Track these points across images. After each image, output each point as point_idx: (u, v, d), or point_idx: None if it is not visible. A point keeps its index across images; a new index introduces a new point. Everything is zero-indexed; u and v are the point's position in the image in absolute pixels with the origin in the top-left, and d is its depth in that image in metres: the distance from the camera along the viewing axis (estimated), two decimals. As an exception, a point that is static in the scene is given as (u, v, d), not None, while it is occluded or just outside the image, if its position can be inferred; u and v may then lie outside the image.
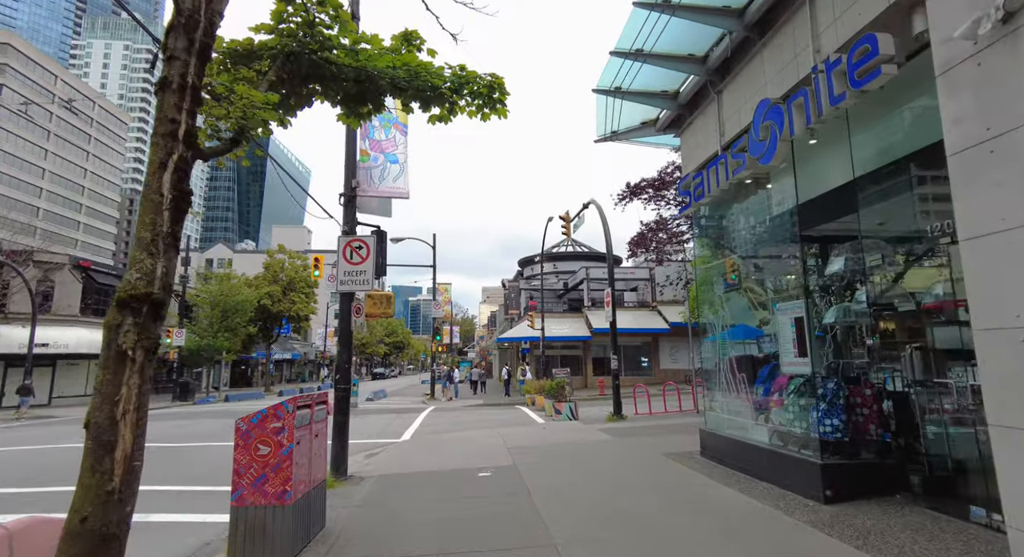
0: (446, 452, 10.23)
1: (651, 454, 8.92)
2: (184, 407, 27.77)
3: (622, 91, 8.50)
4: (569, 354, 31.83)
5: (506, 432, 12.66)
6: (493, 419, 16.84)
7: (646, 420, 14.04)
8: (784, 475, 6.15)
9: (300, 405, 5.20)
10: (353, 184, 8.66)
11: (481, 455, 9.69)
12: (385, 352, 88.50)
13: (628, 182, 17.17)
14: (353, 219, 8.70)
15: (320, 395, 5.92)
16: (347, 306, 8.43)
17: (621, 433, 11.59)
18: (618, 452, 9.35)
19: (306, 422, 5.31)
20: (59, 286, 28.85)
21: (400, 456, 10.09)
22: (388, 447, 11.61)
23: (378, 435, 13.81)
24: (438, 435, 13.08)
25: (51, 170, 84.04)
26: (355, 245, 8.49)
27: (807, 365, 6.12)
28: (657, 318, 30.52)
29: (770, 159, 6.19)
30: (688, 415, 14.68)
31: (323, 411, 5.89)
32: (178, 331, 29.62)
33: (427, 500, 6.55)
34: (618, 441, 10.50)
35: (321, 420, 5.76)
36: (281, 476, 4.81)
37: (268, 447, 4.86)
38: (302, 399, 5.30)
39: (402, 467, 8.90)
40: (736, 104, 7.53)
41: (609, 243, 14.90)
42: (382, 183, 8.76)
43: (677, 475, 7.29)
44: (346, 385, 8.19)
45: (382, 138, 8.90)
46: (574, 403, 15.42)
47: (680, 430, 11.70)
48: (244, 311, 35.27)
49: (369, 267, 8.41)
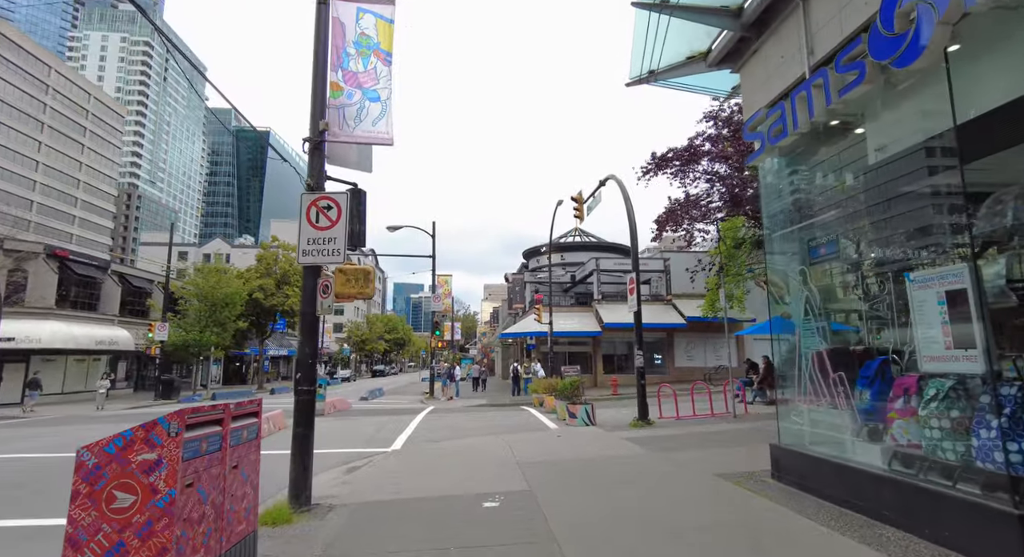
0: (443, 468, 8.29)
1: (704, 475, 6.95)
2: (166, 406, 25.90)
3: (669, 4, 6.50)
4: (577, 351, 29.85)
5: (514, 440, 10.72)
6: (498, 423, 14.89)
7: (675, 426, 12.08)
8: (933, 522, 4.17)
9: (198, 422, 3.24)
10: (321, 126, 6.69)
11: (486, 473, 7.74)
12: (385, 349, 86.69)
13: (654, 152, 15.20)
14: (320, 171, 6.73)
15: (247, 404, 3.95)
16: (312, 283, 6.47)
17: (653, 444, 9.62)
18: (660, 471, 7.39)
19: (214, 449, 3.35)
20: (33, 276, 26.99)
21: (387, 473, 8.14)
22: (375, 459, 9.68)
23: (365, 442, 11.87)
24: (435, 444, 11.15)
25: (45, 163, 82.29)
26: (322, 204, 6.53)
27: (973, 360, 4.14)
28: (672, 312, 28.52)
29: (915, 57, 4.19)
30: (723, 420, 12.72)
31: (252, 428, 3.93)
32: (160, 325, 27.75)
33: (413, 550, 4.61)
34: (654, 456, 8.53)
35: (246, 443, 3.79)
36: (152, 546, 2.85)
37: (131, 495, 2.90)
38: (205, 412, 3.33)
39: (386, 490, 6.95)
40: (833, 7, 5.53)
41: (632, 220, 12.91)
42: (359, 126, 6.83)
43: (756, 511, 5.32)
44: (309, 386, 6.23)
45: (359, 69, 6.97)
46: (591, 406, 13.46)
47: (725, 441, 9.73)
48: (233, 305, 33.36)
49: (340, 233, 6.45)
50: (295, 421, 6.21)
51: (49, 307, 27.20)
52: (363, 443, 11.85)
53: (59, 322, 27.12)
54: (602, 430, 11.93)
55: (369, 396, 27.51)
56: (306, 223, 6.51)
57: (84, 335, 28.29)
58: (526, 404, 20.59)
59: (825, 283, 6.14)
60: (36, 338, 25.47)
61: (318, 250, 6.44)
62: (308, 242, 6.47)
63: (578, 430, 12.24)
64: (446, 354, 47.09)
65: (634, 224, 12.89)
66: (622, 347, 29.63)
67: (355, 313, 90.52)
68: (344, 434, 13.57)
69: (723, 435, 10.39)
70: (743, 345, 30.25)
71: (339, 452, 10.68)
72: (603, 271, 30.97)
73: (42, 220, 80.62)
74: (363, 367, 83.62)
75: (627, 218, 12.93)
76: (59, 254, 28.85)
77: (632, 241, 12.84)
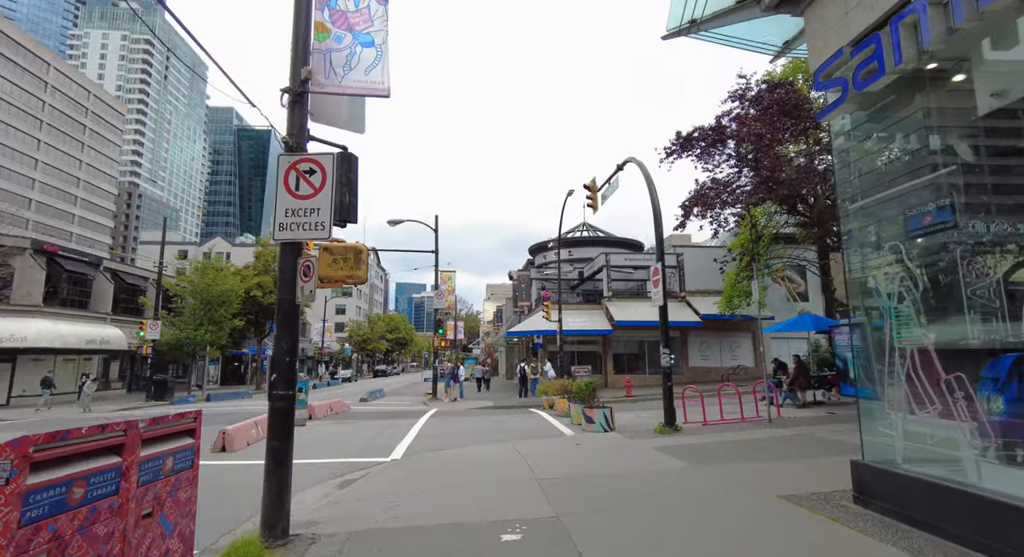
0: (449, 485, 7.10)
1: (766, 498, 5.74)
2: (157, 408, 24.78)
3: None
4: (586, 350, 28.61)
5: (528, 449, 9.53)
6: (508, 428, 13.70)
7: (706, 433, 10.86)
8: None
9: (66, 453, 2.05)
10: (303, 73, 5.51)
11: (501, 492, 6.55)
12: (387, 349, 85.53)
13: (678, 131, 13.90)
14: (302, 128, 5.54)
15: (172, 420, 2.76)
16: (290, 263, 5.28)
17: (690, 455, 8.41)
18: (710, 492, 6.18)
19: (102, 493, 2.16)
20: (19, 272, 25.88)
21: (383, 491, 6.95)
22: (371, 471, 8.50)
23: (361, 451, 10.69)
24: (439, 452, 9.96)
25: (44, 161, 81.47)
26: (304, 168, 5.34)
27: None
28: (686, 310, 27.26)
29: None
30: (756, 426, 11.49)
31: (183, 455, 2.75)
32: (152, 324, 26.63)
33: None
34: (697, 471, 7.32)
35: (171, 476, 2.61)
36: None
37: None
38: (80, 438, 2.14)
39: (383, 513, 5.76)
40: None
41: (656, 205, 11.69)
42: (349, 75, 5.67)
43: (860, 554, 4.12)
44: (285, 390, 5.03)
45: (349, 8, 5.80)
46: (609, 410, 12.25)
47: (770, 451, 8.51)
48: (230, 303, 32.23)
49: (324, 203, 5.26)
50: (269, 432, 5.02)
51: (36, 305, 26.10)
52: (359, 451, 10.67)
53: (46, 320, 26.03)
54: (624, 437, 10.73)
55: (369, 397, 26.34)
56: (284, 191, 5.33)
57: (73, 334, 27.19)
58: (535, 406, 19.39)
59: (931, 260, 4.92)
60: (21, 337, 24.36)
61: (298, 223, 5.25)
62: (286, 213, 5.28)
63: (597, 437, 11.04)
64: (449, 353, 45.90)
65: (658, 209, 11.68)
66: (633, 346, 28.40)
67: (357, 312, 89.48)
68: (339, 440, 12.39)
69: (765, 444, 9.17)
70: (760, 344, 29.02)
71: (331, 462, 9.51)
72: (613, 267, 29.74)
73: (41, 218, 79.84)
74: (365, 367, 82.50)
75: (650, 202, 11.71)
76: (47, 249, 27.75)
77: (656, 228, 11.62)
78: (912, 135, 5.19)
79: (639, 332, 27.26)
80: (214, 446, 10.83)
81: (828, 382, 15.30)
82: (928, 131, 5.02)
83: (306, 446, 11.27)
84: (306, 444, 11.56)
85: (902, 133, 5.25)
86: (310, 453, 10.37)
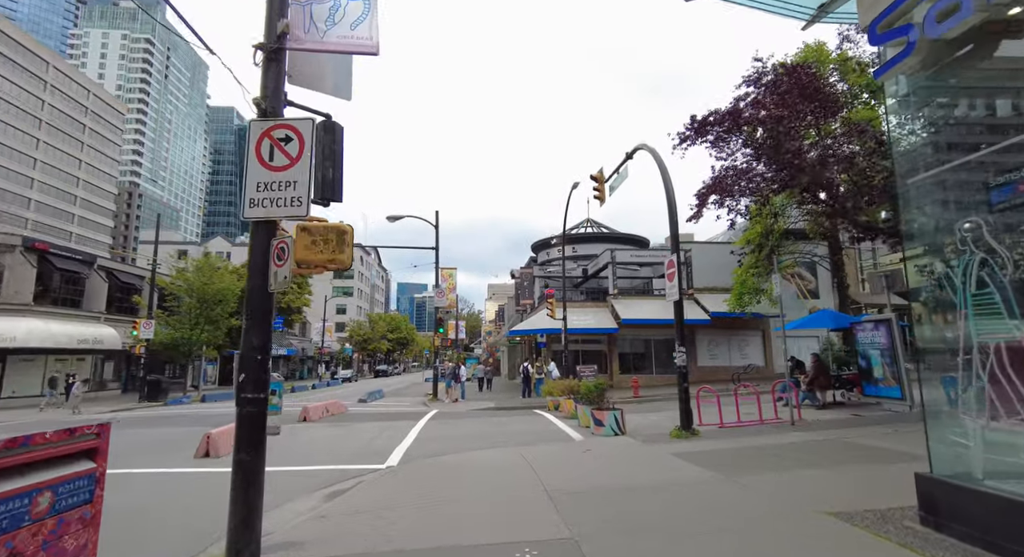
0: (451, 498, 6.35)
1: (814, 516, 4.98)
2: (150, 409, 24.10)
3: None
4: (591, 349, 27.83)
5: (535, 456, 8.77)
6: (512, 431, 12.95)
7: (726, 437, 10.08)
8: None
9: None
10: (280, 27, 4.77)
11: (508, 507, 5.81)
12: (388, 349, 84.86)
13: (693, 116, 13.09)
14: (277, 91, 4.80)
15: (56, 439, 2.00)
16: (263, 243, 4.53)
17: (713, 463, 7.64)
18: (746, 509, 5.41)
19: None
20: (9, 270, 25.21)
21: (375, 504, 6.20)
22: (365, 479, 7.77)
23: (354, 457, 9.95)
24: (438, 459, 9.21)
25: (44, 160, 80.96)
26: (278, 136, 4.60)
27: None
28: (695, 308, 26.43)
29: None
30: (777, 428, 10.73)
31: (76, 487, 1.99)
32: (145, 323, 25.95)
33: None
34: (725, 482, 6.55)
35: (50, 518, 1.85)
36: None
37: None
38: None
39: (374, 533, 5.01)
40: None
41: (670, 193, 10.92)
42: (332, 30, 4.94)
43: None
44: (255, 393, 4.28)
45: (333, -47, 5.08)
46: (620, 412, 11.49)
47: (802, 457, 7.73)
48: (227, 301, 31.50)
49: (302, 176, 4.52)
50: (236, 443, 4.27)
51: (26, 303, 25.42)
52: (352, 456, 9.93)
53: (37, 319, 25.35)
54: (638, 442, 9.97)
55: (368, 398, 25.61)
56: (255, 161, 4.59)
57: (64, 333, 26.50)
58: (539, 407, 18.64)
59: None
60: (10, 336, 23.67)
61: (271, 199, 4.51)
62: (257, 188, 4.54)
63: (608, 442, 10.28)
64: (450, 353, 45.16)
65: (672, 197, 10.91)
66: (639, 345, 27.62)
67: (358, 312, 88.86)
68: (332, 444, 11.66)
69: (793, 450, 8.40)
70: (769, 343, 28.22)
71: (321, 469, 8.76)
72: (619, 264, 28.95)
73: (41, 217, 79.37)
74: (366, 367, 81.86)
75: (664, 191, 10.94)
76: (39, 247, 27.07)
77: (671, 217, 10.85)
78: (995, 93, 4.42)
79: (645, 330, 26.50)
80: (197, 451, 10.11)
81: (848, 382, 14.53)
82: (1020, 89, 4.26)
83: (296, 451, 10.55)
84: (296, 448, 10.85)
85: (984, 89, 4.48)
86: (299, 459, 9.64)
